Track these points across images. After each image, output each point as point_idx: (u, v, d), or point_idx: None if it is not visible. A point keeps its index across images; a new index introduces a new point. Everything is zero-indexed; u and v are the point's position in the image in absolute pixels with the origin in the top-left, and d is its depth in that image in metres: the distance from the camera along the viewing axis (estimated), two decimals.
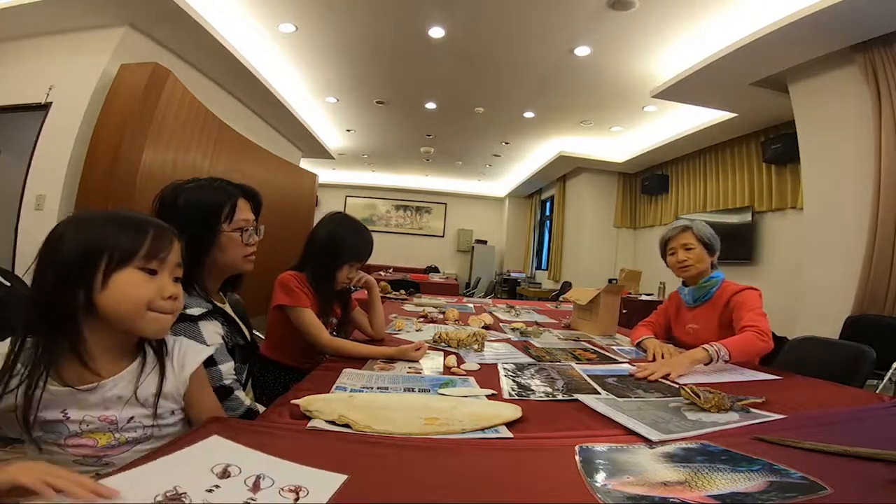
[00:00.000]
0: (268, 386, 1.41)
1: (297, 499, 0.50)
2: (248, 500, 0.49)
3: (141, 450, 0.70)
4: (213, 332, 0.96)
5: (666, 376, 1.13)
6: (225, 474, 0.53)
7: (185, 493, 0.48)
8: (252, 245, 1.07)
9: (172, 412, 0.75)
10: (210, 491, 0.49)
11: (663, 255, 1.71)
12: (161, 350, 0.75)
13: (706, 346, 1.24)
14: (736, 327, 1.42)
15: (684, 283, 1.69)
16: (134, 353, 0.73)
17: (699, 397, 0.86)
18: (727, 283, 1.59)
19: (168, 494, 0.48)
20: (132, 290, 0.66)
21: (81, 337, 0.66)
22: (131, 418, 0.70)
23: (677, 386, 1.05)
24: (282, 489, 0.51)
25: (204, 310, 0.94)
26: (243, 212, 1.05)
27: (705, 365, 1.23)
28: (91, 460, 0.67)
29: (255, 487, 0.51)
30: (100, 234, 0.67)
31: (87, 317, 0.66)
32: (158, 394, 0.72)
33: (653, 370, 1.15)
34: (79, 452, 0.66)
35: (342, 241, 1.48)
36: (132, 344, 0.73)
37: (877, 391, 2.13)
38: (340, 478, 0.55)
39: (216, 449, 0.60)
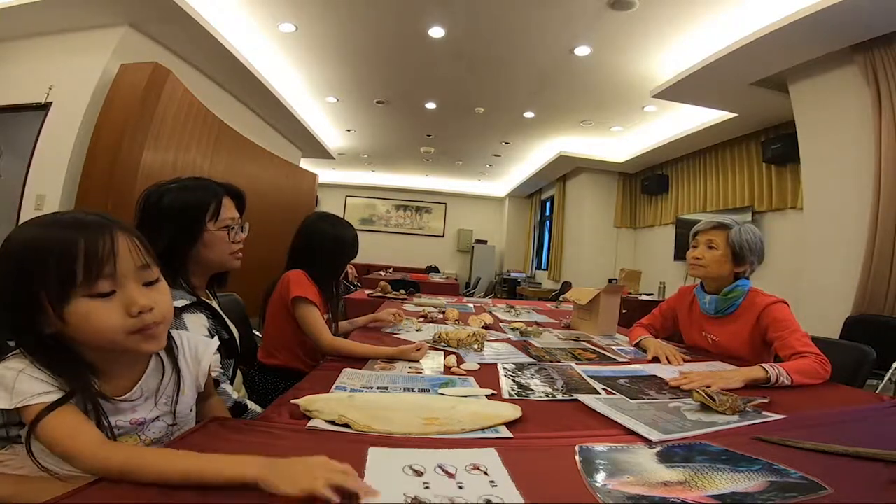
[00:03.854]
0: (268, 393, 1.40)
1: (485, 474, 0.56)
2: (459, 484, 0.54)
3: None
4: (197, 324, 0.97)
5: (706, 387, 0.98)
6: (418, 473, 0.56)
7: (415, 496, 0.51)
8: (238, 242, 1.09)
9: (191, 409, 0.76)
10: (427, 488, 0.53)
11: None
12: (171, 350, 0.74)
13: (765, 366, 1.12)
14: (778, 348, 1.31)
15: (703, 287, 1.56)
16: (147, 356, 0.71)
17: (714, 400, 0.86)
18: (754, 293, 1.44)
19: (407, 500, 0.51)
20: (92, 324, 0.58)
21: (81, 360, 0.61)
22: (156, 418, 0.70)
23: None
24: (467, 469, 0.57)
25: (187, 301, 0.96)
26: (228, 210, 1.07)
27: (763, 386, 1.09)
28: None
29: (449, 474, 0.56)
30: (26, 267, 0.56)
31: (74, 344, 0.60)
32: (177, 394, 0.72)
33: (693, 380, 1.05)
34: None
35: (344, 242, 1.53)
36: None
37: (877, 391, 2.13)
38: (492, 451, 0.62)
39: (385, 456, 0.62)
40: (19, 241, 0.58)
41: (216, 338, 0.89)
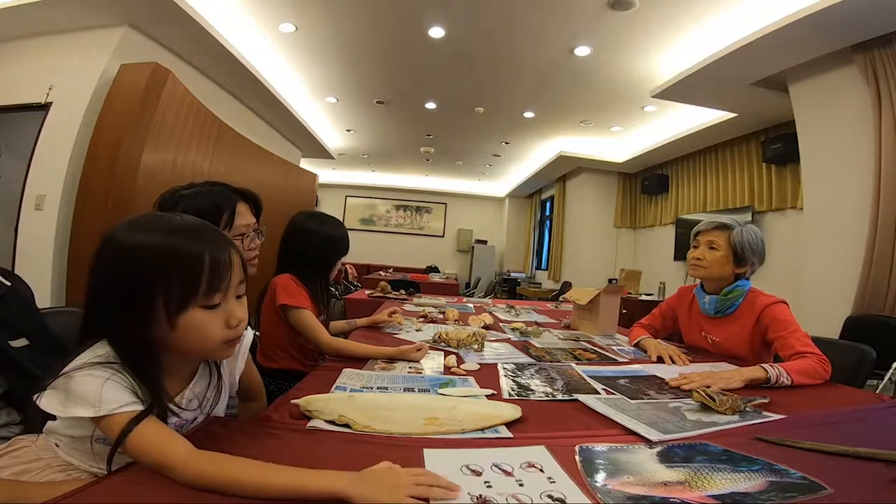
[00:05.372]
0: (272, 395, 1.40)
1: (541, 471, 0.59)
2: (519, 482, 0.56)
3: None
4: None
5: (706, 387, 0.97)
6: (477, 473, 0.58)
7: (480, 494, 0.53)
8: (253, 249, 1.08)
9: (224, 411, 0.77)
10: (490, 486, 0.55)
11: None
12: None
13: (765, 366, 1.12)
14: (778, 349, 1.31)
15: (703, 287, 1.55)
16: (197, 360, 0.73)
17: (714, 400, 0.86)
18: (754, 293, 1.43)
19: (474, 499, 0.52)
20: (199, 333, 0.61)
21: (159, 363, 0.63)
22: (194, 420, 0.71)
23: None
24: (522, 467, 0.60)
25: None
26: (244, 216, 1.05)
27: (763, 387, 1.09)
28: None
29: (507, 473, 0.58)
30: (149, 270, 0.58)
31: (161, 347, 0.62)
32: (218, 397, 0.74)
33: (693, 380, 1.05)
34: None
35: (333, 240, 1.53)
36: None
37: (877, 391, 2.13)
38: (542, 449, 0.65)
39: (441, 457, 0.63)
40: (137, 244, 0.59)
41: (250, 330, 0.90)
